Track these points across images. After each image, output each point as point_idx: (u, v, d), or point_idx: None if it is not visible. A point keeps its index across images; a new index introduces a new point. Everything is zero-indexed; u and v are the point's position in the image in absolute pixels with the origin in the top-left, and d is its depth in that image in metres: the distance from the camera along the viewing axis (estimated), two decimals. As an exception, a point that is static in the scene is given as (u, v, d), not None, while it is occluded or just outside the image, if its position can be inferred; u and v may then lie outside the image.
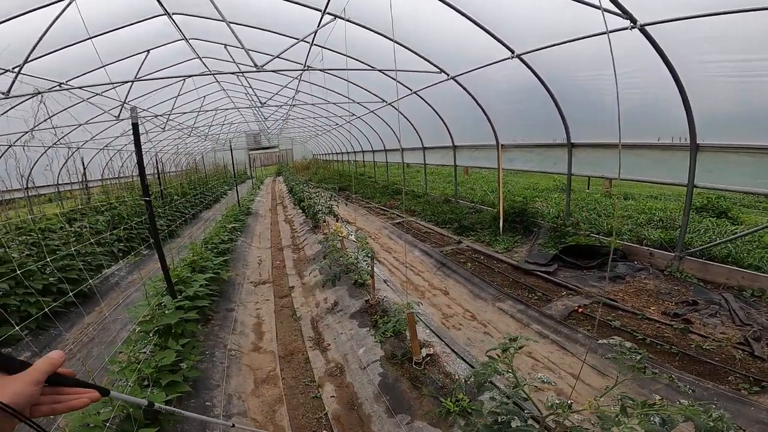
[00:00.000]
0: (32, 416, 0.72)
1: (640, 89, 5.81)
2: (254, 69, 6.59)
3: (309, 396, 3.60)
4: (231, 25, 5.80)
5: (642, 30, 4.62)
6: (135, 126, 3.62)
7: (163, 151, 19.75)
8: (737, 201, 9.97)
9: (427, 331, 4.25)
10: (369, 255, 4.43)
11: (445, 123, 10.26)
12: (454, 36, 6.98)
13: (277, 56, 6.38)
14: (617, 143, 6.30)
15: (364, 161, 20.76)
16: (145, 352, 3.29)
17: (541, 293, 5.39)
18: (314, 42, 7.14)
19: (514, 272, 6.24)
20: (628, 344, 1.92)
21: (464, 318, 5.04)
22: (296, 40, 6.40)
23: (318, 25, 6.23)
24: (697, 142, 5.29)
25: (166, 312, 3.85)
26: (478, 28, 5.93)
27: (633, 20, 4.54)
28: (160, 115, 11.81)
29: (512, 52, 6.18)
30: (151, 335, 3.61)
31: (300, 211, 11.99)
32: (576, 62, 6.08)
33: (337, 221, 7.41)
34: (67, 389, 0.79)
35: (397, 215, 10.97)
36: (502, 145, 8.68)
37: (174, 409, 1.43)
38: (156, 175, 12.22)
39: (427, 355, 3.70)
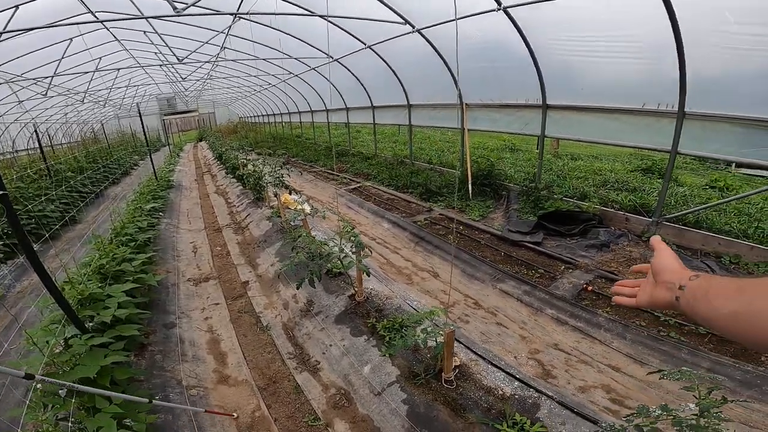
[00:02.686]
0: None
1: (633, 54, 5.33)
2: (172, 14, 4.88)
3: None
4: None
5: None
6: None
7: (48, 122, 16.06)
8: (678, 164, 10.44)
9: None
10: (357, 243, 3.45)
11: (400, 81, 9.21)
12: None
13: (192, 5, 4.72)
14: (599, 106, 5.86)
15: (301, 123, 18.92)
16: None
17: (541, 269, 4.90)
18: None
19: (500, 244, 5.69)
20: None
21: (467, 306, 4.37)
22: None
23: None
24: (685, 110, 4.99)
25: (78, 355, 2.61)
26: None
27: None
28: (39, 79, 9.16)
29: (499, 3, 5.28)
30: (62, 396, 2.35)
31: (235, 180, 10.35)
32: (559, 21, 5.41)
33: (289, 193, 6.18)
34: None
35: (350, 179, 9.90)
36: (466, 104, 7.92)
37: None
38: (39, 150, 9.58)
39: (455, 367, 2.94)
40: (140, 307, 4.13)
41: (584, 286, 4.49)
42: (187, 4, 4.42)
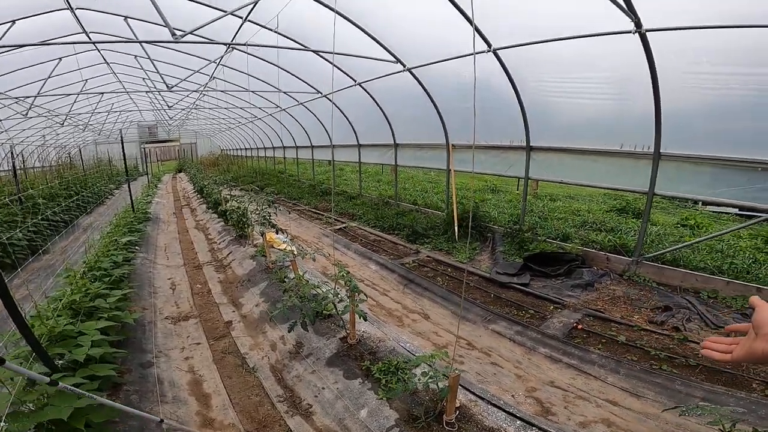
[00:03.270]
0: None
1: (611, 96, 5.71)
2: (171, 40, 4.93)
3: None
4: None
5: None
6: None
7: (25, 143, 15.52)
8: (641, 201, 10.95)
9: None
10: (353, 287, 3.37)
11: (388, 119, 9.46)
12: (413, 25, 6.23)
13: (191, 33, 4.80)
14: (581, 148, 6.17)
15: (284, 158, 18.99)
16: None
17: (531, 310, 4.94)
18: (248, 17, 5.74)
19: (489, 285, 5.70)
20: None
21: (461, 347, 4.30)
22: (224, 13, 4.97)
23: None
24: (661, 151, 5.32)
25: (47, 398, 2.37)
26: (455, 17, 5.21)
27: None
28: (21, 98, 8.93)
29: (489, 45, 5.61)
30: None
31: (216, 216, 10.12)
32: (545, 62, 5.76)
33: (275, 232, 6.06)
34: None
35: (335, 219, 9.83)
36: (453, 144, 8.18)
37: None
38: (12, 173, 9.17)
39: (455, 408, 2.83)
40: (114, 345, 3.85)
41: (574, 324, 4.58)
42: (185, 31, 4.46)
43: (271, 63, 8.68)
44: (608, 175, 6.05)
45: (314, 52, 7.03)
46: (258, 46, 6.04)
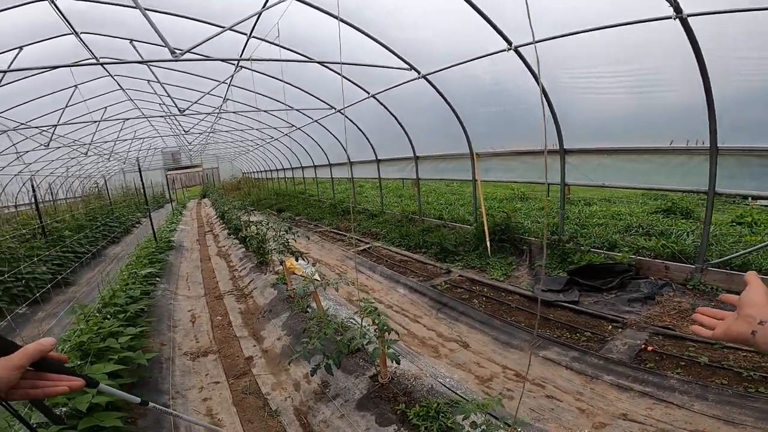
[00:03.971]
0: (8, 398, 0.75)
1: (649, 89, 5.16)
2: (170, 59, 4.75)
3: None
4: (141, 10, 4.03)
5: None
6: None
7: (46, 174, 15.96)
8: (695, 202, 10.10)
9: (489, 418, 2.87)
10: (382, 326, 2.91)
11: (406, 131, 9.09)
12: (426, 29, 5.90)
13: (189, 51, 4.59)
14: (623, 148, 5.60)
15: (304, 178, 18.90)
16: None
17: (587, 331, 4.35)
18: (253, 33, 5.55)
19: (532, 305, 5.14)
20: None
21: (508, 379, 3.77)
22: (222, 29, 4.76)
23: (263, 6, 4.72)
24: (718, 145, 4.71)
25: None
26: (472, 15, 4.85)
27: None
28: (42, 128, 9.07)
29: (509, 43, 5.19)
30: None
31: (237, 241, 9.93)
32: (574, 57, 5.29)
33: (296, 259, 5.70)
34: (51, 375, 0.80)
35: (358, 240, 9.45)
36: (477, 153, 7.71)
37: (168, 409, 1.35)
38: (34, 206, 9.27)
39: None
40: (127, 388, 3.55)
41: (642, 346, 3.95)
42: (182, 50, 4.26)
43: (279, 79, 8.53)
44: (657, 175, 5.43)
45: (319, 63, 6.76)
46: (260, 60, 5.81)
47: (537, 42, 4.91)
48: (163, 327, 5.15)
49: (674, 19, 3.98)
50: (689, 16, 3.96)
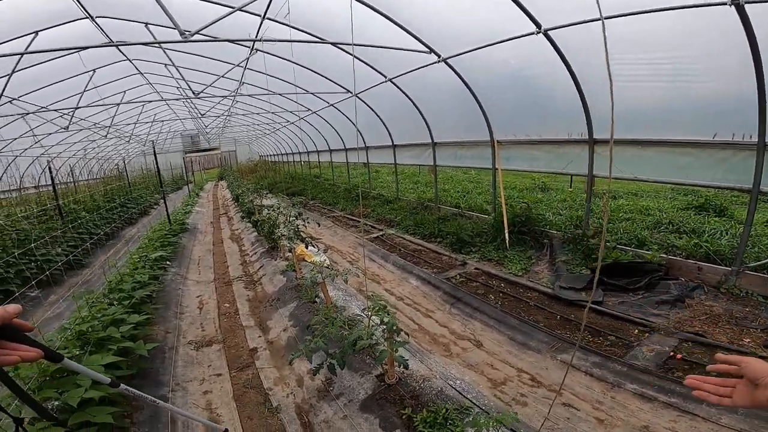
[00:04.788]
0: None
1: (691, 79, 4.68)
2: (180, 40, 4.54)
3: None
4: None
5: None
6: None
7: (64, 157, 16.19)
8: (729, 199, 9.46)
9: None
10: (390, 326, 2.69)
11: (424, 117, 8.73)
12: (446, 9, 5.49)
13: (198, 32, 4.35)
14: (661, 139, 5.14)
15: (319, 162, 18.72)
16: None
17: (611, 335, 4.06)
18: (267, 14, 5.26)
19: (552, 304, 4.85)
20: None
21: (522, 383, 3.52)
22: (231, 9, 4.51)
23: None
24: (766, 140, 4.25)
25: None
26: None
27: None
28: (62, 111, 9.09)
29: (538, 26, 4.77)
30: None
31: (250, 225, 9.85)
32: (612, 41, 4.82)
33: (305, 246, 5.51)
34: (9, 344, 0.78)
35: (371, 226, 9.22)
36: (498, 141, 7.32)
37: (143, 394, 1.28)
38: (52, 187, 9.35)
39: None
40: (126, 380, 3.45)
41: (671, 353, 3.64)
42: (191, 31, 4.03)
43: (293, 62, 8.25)
44: (696, 169, 4.97)
45: (332, 44, 6.43)
46: (272, 41, 5.52)
47: (569, 25, 4.51)
48: (170, 314, 5.07)
49: (730, 5, 3.59)
50: (746, 2, 3.56)
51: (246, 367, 4.00)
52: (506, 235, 6.73)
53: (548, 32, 4.72)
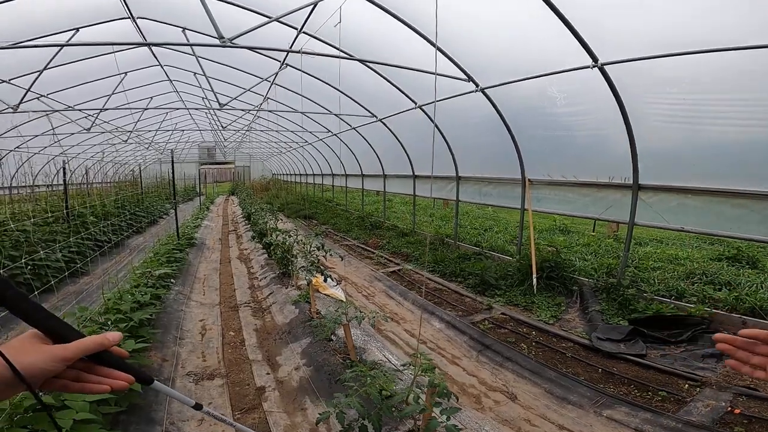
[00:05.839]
0: (45, 388, 0.68)
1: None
2: (218, 44, 4.37)
3: None
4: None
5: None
6: None
7: (86, 158, 16.19)
8: (760, 250, 8.96)
9: None
10: (443, 392, 2.25)
11: (450, 148, 8.48)
12: (490, 34, 5.32)
13: (237, 37, 4.20)
14: (714, 189, 4.78)
15: (333, 185, 18.51)
16: None
17: (662, 390, 3.66)
18: (303, 28, 5.14)
19: (590, 356, 4.40)
20: None
21: (568, 451, 3.04)
22: (269, 19, 4.38)
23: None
24: None
25: None
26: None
27: None
28: (87, 111, 9.03)
29: (595, 60, 4.54)
30: None
31: (260, 246, 9.49)
32: (667, 80, 4.56)
33: (324, 279, 5.08)
34: (101, 369, 0.74)
35: (387, 259, 8.80)
36: (530, 180, 7.00)
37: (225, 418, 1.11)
38: (64, 188, 9.12)
39: None
40: (113, 418, 3.02)
41: (729, 408, 3.32)
42: (229, 38, 3.84)
43: (321, 79, 8.16)
44: (750, 223, 4.60)
45: (360, 61, 6.26)
46: (308, 53, 5.33)
47: (629, 61, 4.27)
48: (169, 338, 4.62)
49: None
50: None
51: (252, 409, 3.52)
52: (534, 280, 6.29)
53: (605, 67, 4.47)
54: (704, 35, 3.77)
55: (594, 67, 4.51)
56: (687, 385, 3.74)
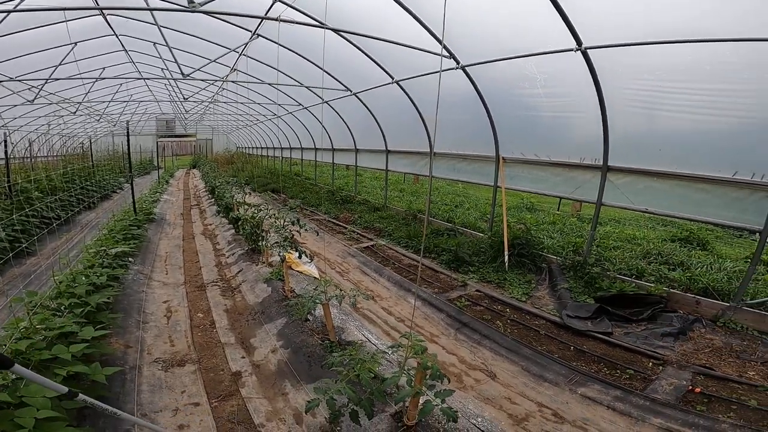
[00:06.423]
0: None
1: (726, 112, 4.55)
2: (185, 7, 3.93)
3: None
4: None
5: None
6: None
7: (30, 131, 14.70)
8: (708, 232, 9.62)
9: None
10: (435, 374, 2.24)
11: (425, 123, 8.37)
12: (474, 12, 5.16)
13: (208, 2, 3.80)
14: (679, 173, 4.98)
15: (301, 159, 17.97)
16: None
17: (629, 368, 3.90)
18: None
19: (561, 333, 4.60)
20: None
21: (545, 419, 3.27)
22: None
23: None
24: None
25: None
26: None
27: None
28: (30, 82, 8.11)
29: (579, 43, 4.50)
30: None
31: (226, 221, 9.10)
32: (643, 67, 4.62)
33: (299, 256, 4.92)
34: None
35: (360, 234, 8.71)
36: (503, 158, 7.04)
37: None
38: (5, 162, 8.26)
39: None
40: (76, 413, 2.81)
41: (689, 387, 3.57)
42: (201, 1, 3.46)
43: (294, 51, 7.69)
44: (712, 207, 4.87)
45: (334, 30, 5.88)
46: (287, 21, 4.94)
47: (612, 46, 4.26)
48: (131, 323, 4.34)
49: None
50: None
51: (229, 396, 3.39)
52: (506, 257, 6.42)
53: (588, 51, 4.45)
54: (684, 25, 3.81)
55: (577, 50, 4.49)
56: (651, 363, 3.97)
